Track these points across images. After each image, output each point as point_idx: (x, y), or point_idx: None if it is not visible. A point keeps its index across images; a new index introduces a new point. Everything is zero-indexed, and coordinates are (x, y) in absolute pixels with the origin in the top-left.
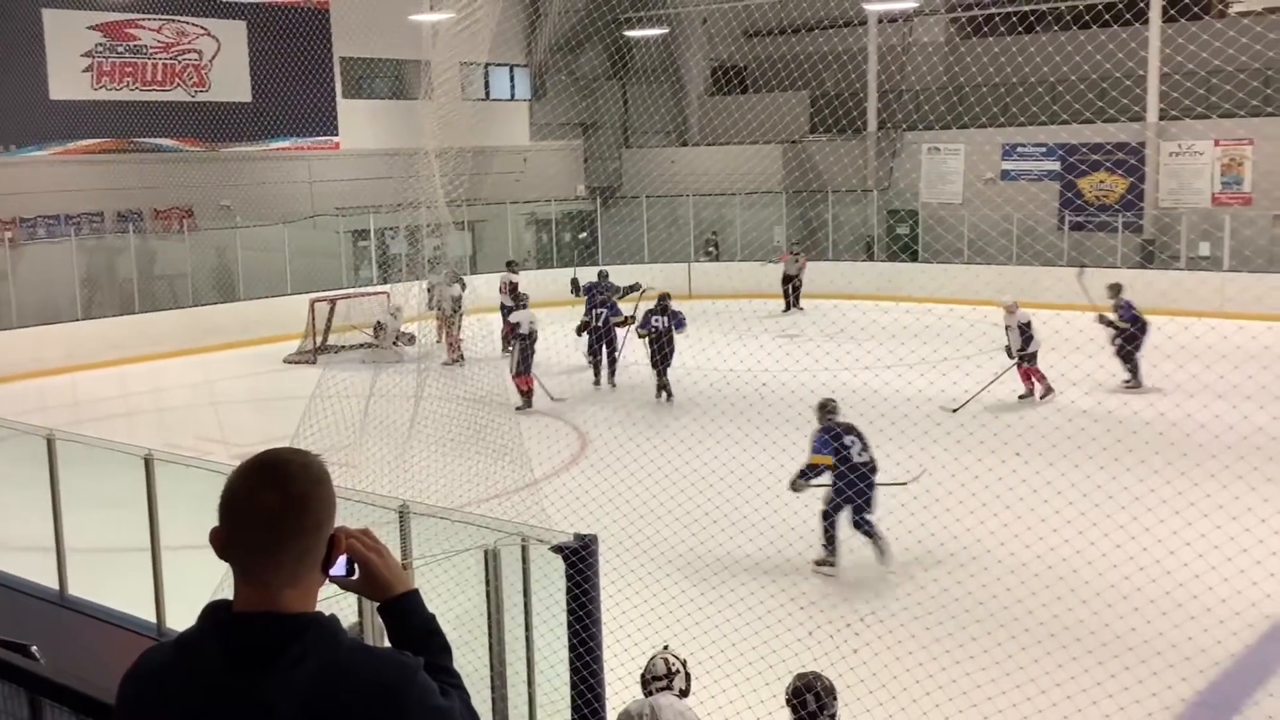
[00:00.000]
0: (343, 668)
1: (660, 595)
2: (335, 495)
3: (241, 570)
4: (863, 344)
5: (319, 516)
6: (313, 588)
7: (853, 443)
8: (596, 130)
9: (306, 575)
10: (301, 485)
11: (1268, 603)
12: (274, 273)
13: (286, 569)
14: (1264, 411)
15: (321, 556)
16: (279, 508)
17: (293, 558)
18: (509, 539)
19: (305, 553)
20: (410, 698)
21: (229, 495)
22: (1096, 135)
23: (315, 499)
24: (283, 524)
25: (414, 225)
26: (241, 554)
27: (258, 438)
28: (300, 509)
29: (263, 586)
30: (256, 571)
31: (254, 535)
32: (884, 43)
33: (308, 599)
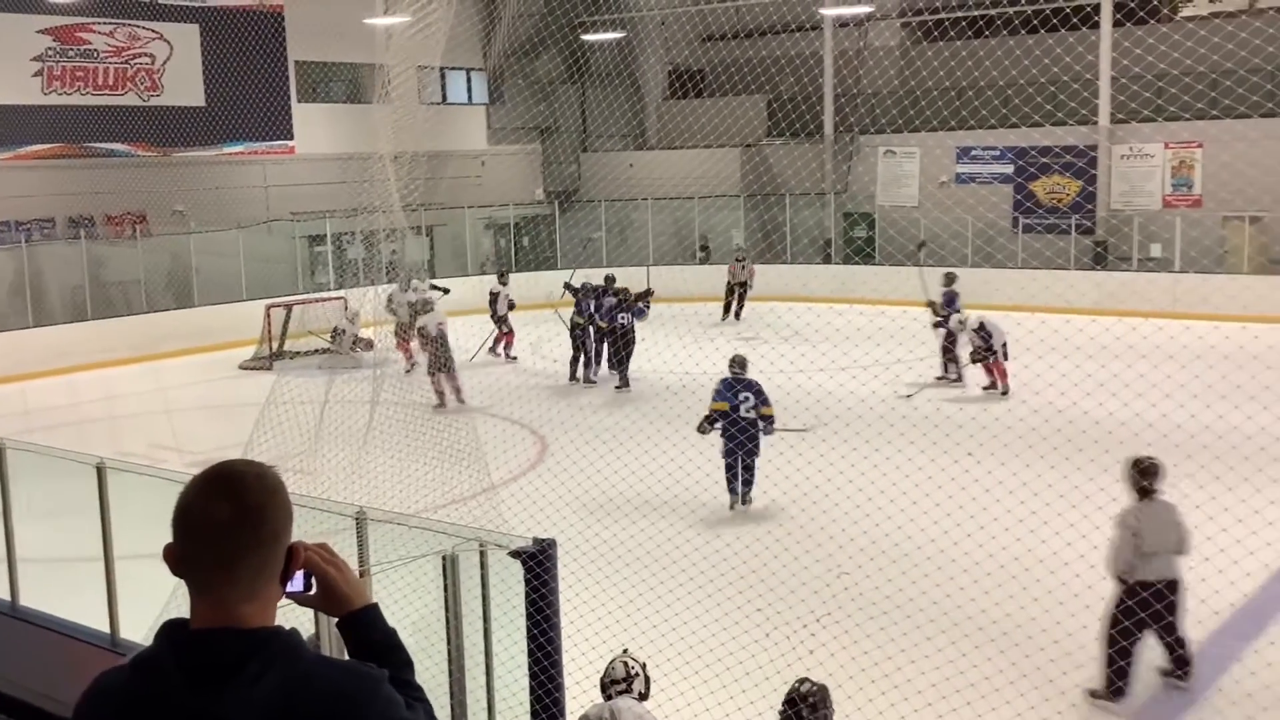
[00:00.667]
0: (304, 681)
1: (618, 599)
2: (292, 505)
3: (197, 586)
4: (817, 345)
5: (275, 527)
6: (271, 601)
7: (745, 398)
8: (554, 134)
9: (264, 588)
10: (256, 496)
11: (1216, 599)
12: (229, 278)
13: (244, 583)
14: (1210, 411)
15: (279, 569)
16: (233, 520)
17: (250, 571)
18: (467, 544)
19: (262, 565)
20: (374, 710)
21: (181, 509)
22: (1049, 139)
23: (271, 509)
24: (238, 536)
25: (370, 230)
26: (196, 569)
27: (212, 445)
28: (256, 520)
29: (220, 602)
30: (213, 587)
31: (208, 549)
32: (839, 47)
33: (266, 613)
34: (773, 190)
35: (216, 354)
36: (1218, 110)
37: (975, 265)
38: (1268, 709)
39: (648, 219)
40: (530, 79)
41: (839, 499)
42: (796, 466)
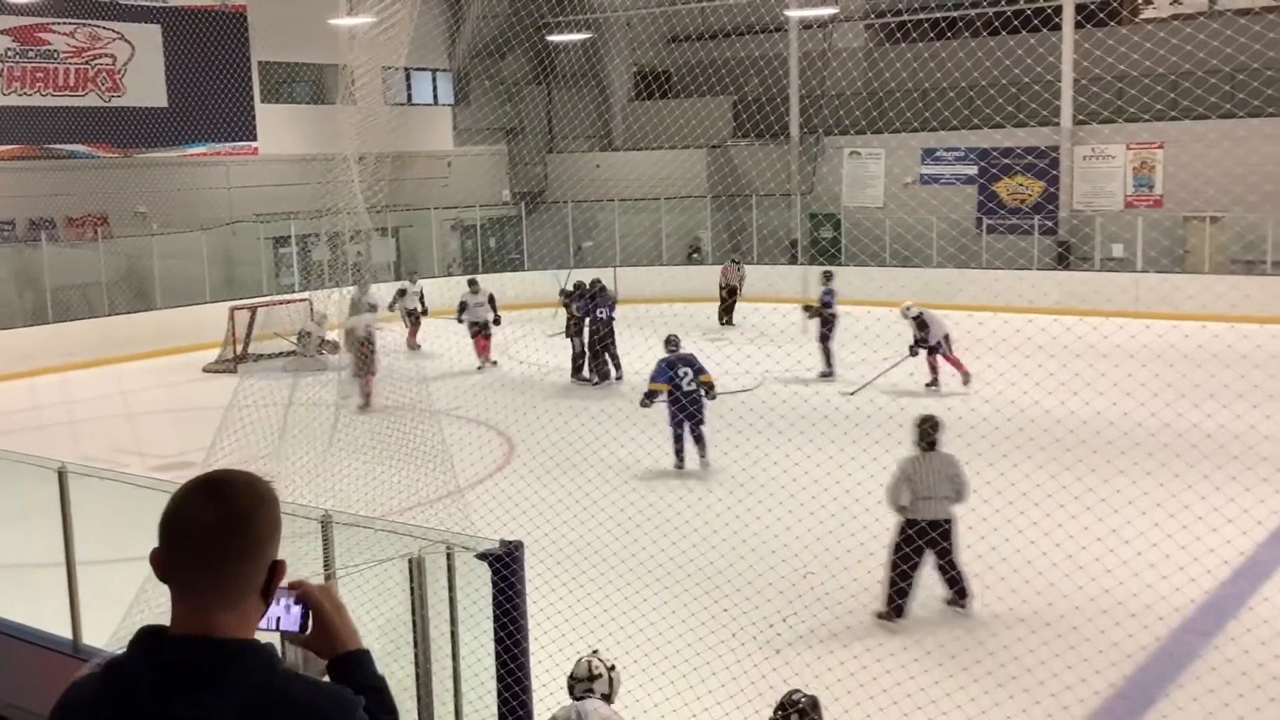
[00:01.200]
0: (276, 697)
1: (585, 600)
2: (280, 521)
3: (178, 591)
4: (782, 346)
5: (259, 537)
6: (251, 614)
7: (685, 373)
8: (521, 135)
9: (244, 599)
10: (243, 503)
11: (1178, 596)
12: (192, 280)
13: (223, 591)
14: (1170, 409)
15: (261, 582)
16: (216, 524)
17: (229, 579)
18: (434, 547)
19: (242, 574)
20: None
21: (169, 512)
22: (1011, 140)
23: (257, 519)
24: (219, 541)
25: (335, 231)
26: (178, 573)
27: (176, 449)
28: (238, 527)
29: (198, 609)
30: (191, 592)
31: (190, 553)
32: (804, 48)
33: (245, 625)
34: (738, 191)
35: (180, 357)
36: (1177, 111)
37: (940, 266)
38: (1229, 704)
39: (615, 220)
40: (496, 80)
41: (804, 499)
42: (763, 467)
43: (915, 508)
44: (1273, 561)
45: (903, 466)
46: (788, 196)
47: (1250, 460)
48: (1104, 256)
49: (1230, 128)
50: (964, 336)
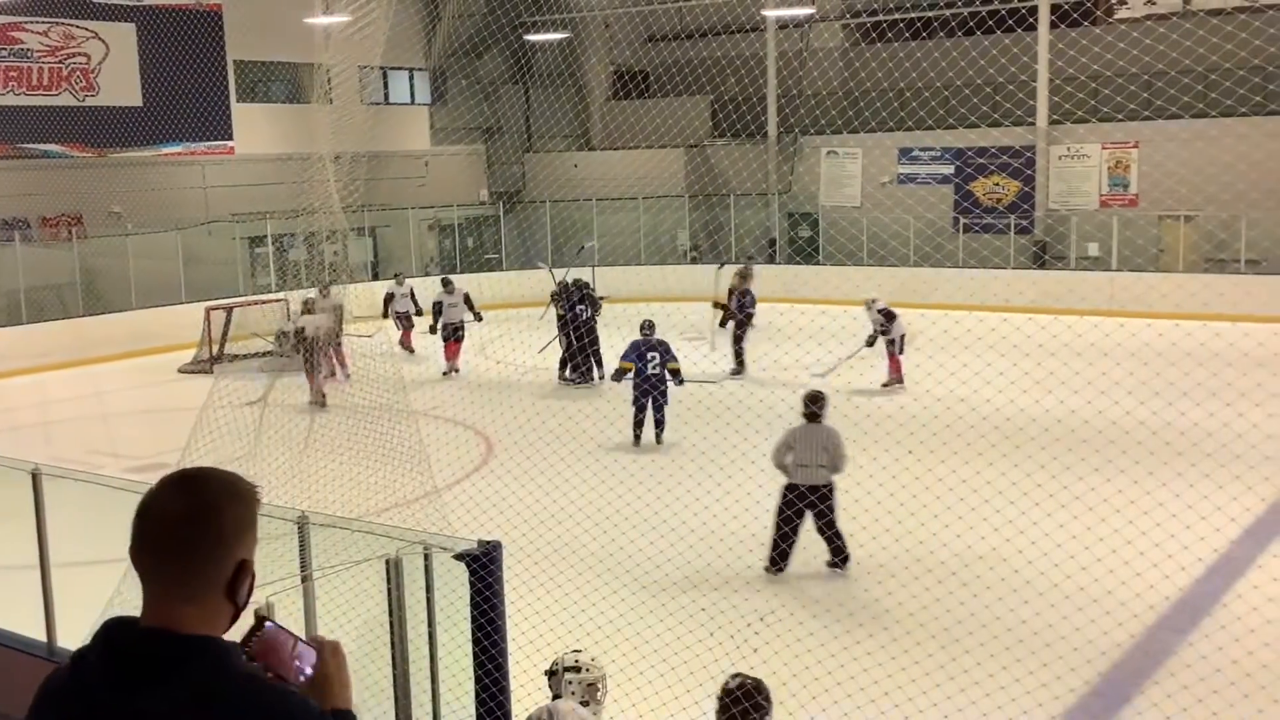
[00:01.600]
0: (227, 693)
1: (563, 600)
2: (254, 521)
3: (144, 581)
4: (759, 345)
5: (225, 532)
6: (215, 611)
7: (652, 358)
8: (499, 135)
9: (206, 594)
10: (213, 497)
11: (1152, 593)
12: (167, 281)
13: (184, 584)
14: (1144, 407)
15: (226, 579)
16: (183, 515)
17: (191, 572)
18: (411, 547)
19: (205, 568)
20: None
21: (141, 502)
22: (987, 140)
23: (225, 513)
24: (184, 531)
25: (311, 231)
26: (145, 563)
27: (151, 451)
28: (205, 519)
29: (162, 601)
30: (155, 583)
31: (155, 542)
32: (782, 48)
33: (208, 622)
34: (716, 191)
35: (155, 358)
36: (1151, 111)
37: (916, 265)
38: (1203, 700)
39: (593, 220)
40: (473, 79)
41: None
42: (740, 466)
43: (794, 473)
44: (1246, 558)
45: (784, 436)
46: (765, 196)
47: (1224, 458)
48: (1079, 256)
49: (1204, 127)
50: (940, 335)
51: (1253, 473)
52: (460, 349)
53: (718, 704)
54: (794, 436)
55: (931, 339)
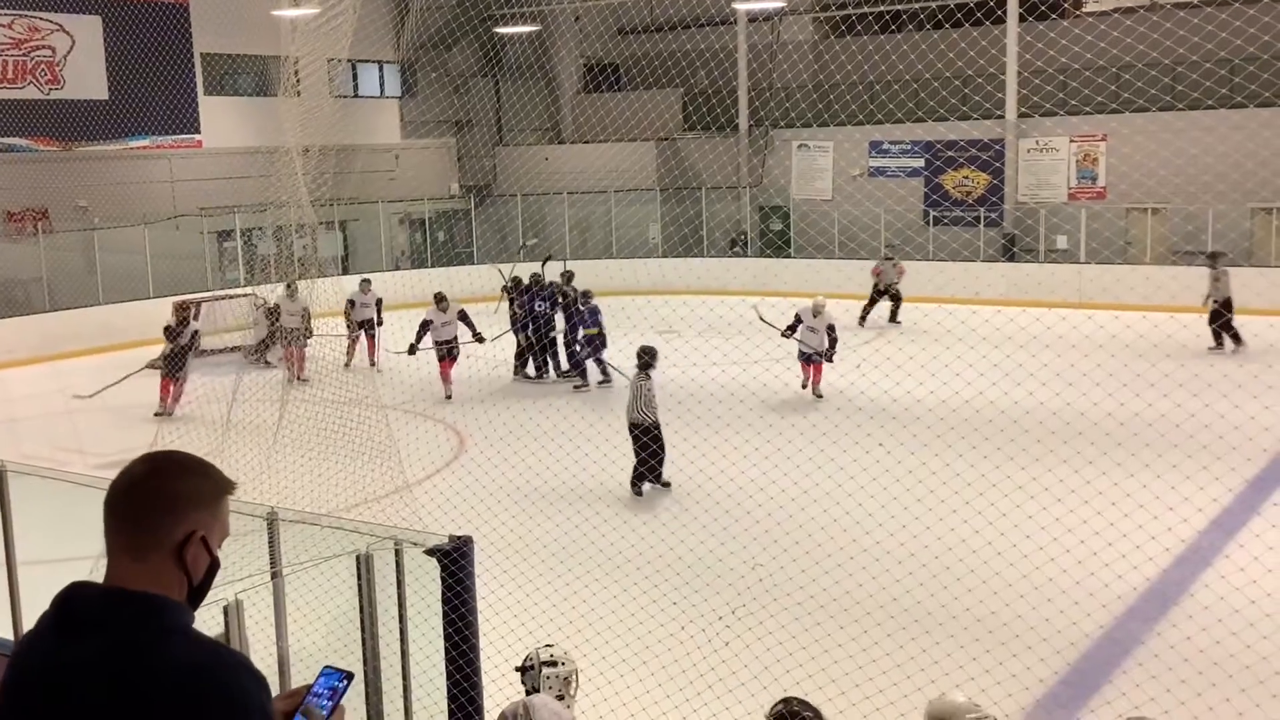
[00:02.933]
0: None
1: (535, 595)
2: (214, 501)
3: (106, 545)
4: (730, 339)
5: (178, 496)
6: (163, 573)
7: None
8: (469, 128)
9: (152, 553)
10: (173, 467)
11: (1120, 583)
12: (135, 275)
13: (134, 539)
14: (1112, 398)
15: (175, 543)
16: (142, 474)
17: (141, 527)
18: (382, 543)
19: (154, 528)
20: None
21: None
22: (957, 133)
23: (182, 480)
24: (140, 488)
25: (280, 225)
26: (106, 523)
27: (118, 447)
28: (159, 482)
29: (114, 559)
30: (111, 542)
31: (114, 499)
32: (753, 42)
33: (156, 583)
34: (687, 184)
35: (122, 353)
36: (1119, 104)
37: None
38: (1170, 689)
39: (564, 213)
40: (443, 72)
41: (753, 490)
42: (711, 460)
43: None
44: (1213, 548)
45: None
46: (737, 189)
47: (1191, 449)
48: (1048, 248)
49: (1171, 120)
50: (910, 328)
51: (1219, 463)
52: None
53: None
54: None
55: (902, 331)
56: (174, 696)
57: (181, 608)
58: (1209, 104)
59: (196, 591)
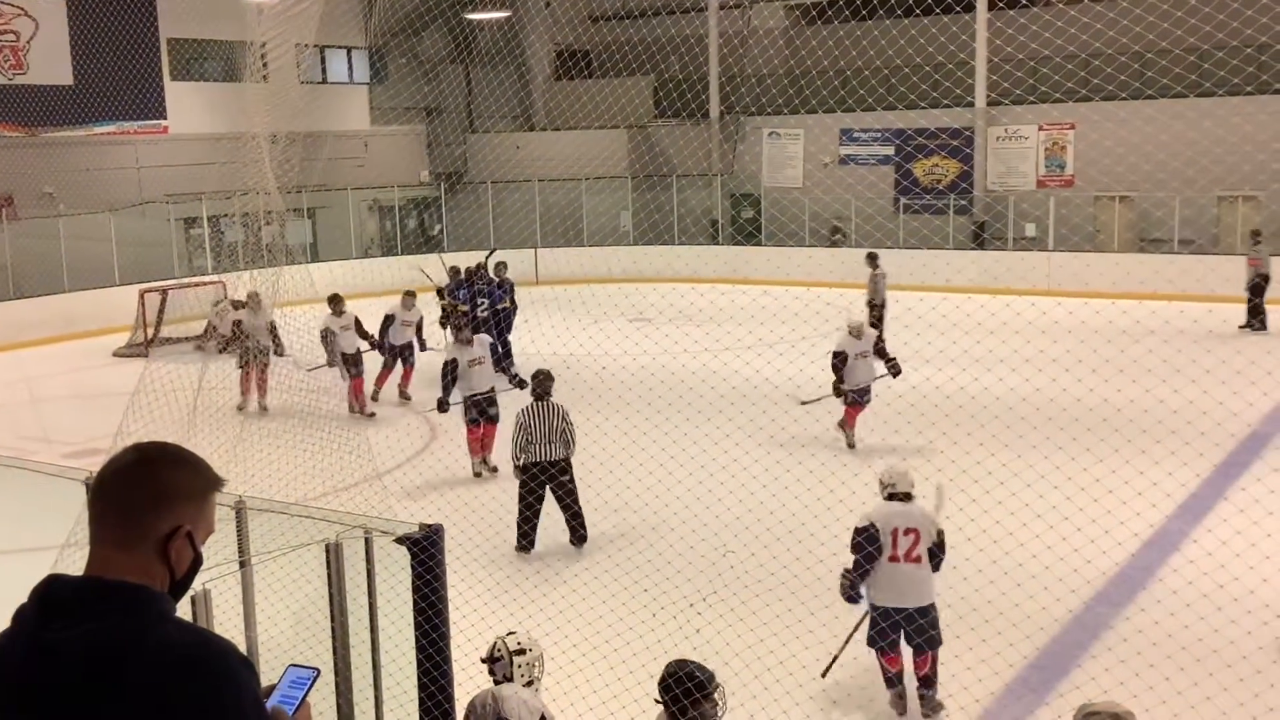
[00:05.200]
0: (137, 634)
1: (505, 583)
2: (202, 496)
3: (90, 535)
4: (701, 325)
5: (166, 488)
6: (147, 565)
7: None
8: (440, 115)
9: (138, 545)
10: (164, 458)
11: (1089, 568)
12: (101, 263)
13: (120, 530)
14: (1081, 384)
15: (161, 535)
16: (132, 463)
17: (128, 517)
18: (351, 532)
19: (140, 519)
20: (219, 685)
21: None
22: (928, 120)
23: (171, 472)
24: (128, 479)
25: (247, 212)
26: (92, 509)
27: (84, 436)
28: (147, 472)
29: (98, 547)
30: (96, 531)
31: (101, 487)
32: (724, 29)
33: (139, 572)
34: (659, 171)
35: (88, 341)
36: (1089, 90)
37: (859, 245)
38: (1140, 673)
39: (535, 200)
40: (413, 58)
41: (724, 477)
42: (682, 447)
43: (529, 451)
44: (1180, 533)
45: (517, 418)
46: (708, 177)
47: (1159, 434)
48: (1017, 236)
49: (1139, 108)
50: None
51: (1187, 448)
52: (364, 384)
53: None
54: (525, 418)
55: None
56: (165, 682)
57: (165, 597)
58: (1177, 92)
59: (178, 586)
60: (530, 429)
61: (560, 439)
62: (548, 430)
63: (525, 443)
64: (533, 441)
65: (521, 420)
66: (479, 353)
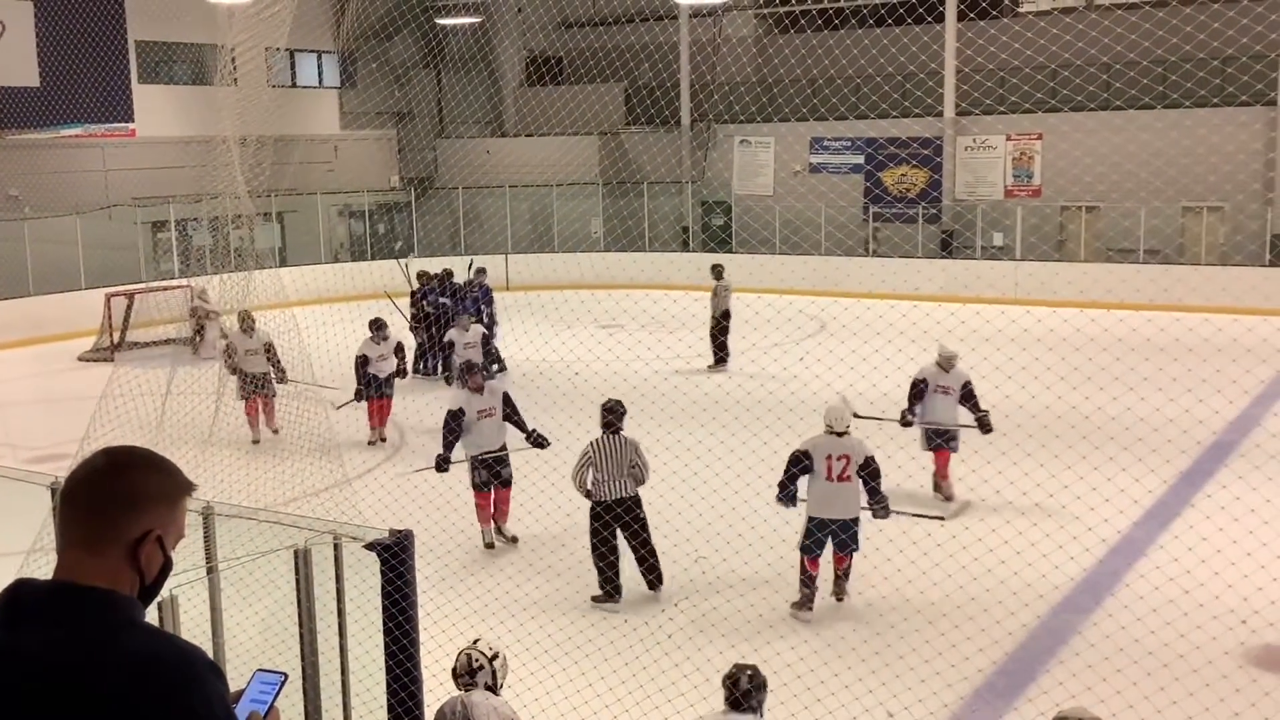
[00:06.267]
0: (115, 638)
1: (476, 589)
2: (173, 500)
3: (58, 539)
4: (674, 332)
5: (137, 492)
6: (117, 569)
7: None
8: (410, 119)
9: (108, 548)
10: (136, 462)
11: (1057, 573)
12: (67, 266)
13: (91, 531)
14: (1049, 392)
15: (131, 539)
16: (103, 467)
17: (98, 522)
18: (320, 537)
19: (110, 523)
20: (187, 691)
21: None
22: (898, 130)
23: (139, 475)
24: (98, 482)
25: (215, 216)
26: (62, 513)
27: (49, 441)
28: (118, 476)
29: (67, 551)
30: (66, 534)
31: (72, 490)
32: (695, 37)
33: (108, 578)
34: (630, 178)
35: (53, 345)
36: (1057, 100)
37: (829, 253)
38: (1106, 679)
39: (506, 206)
40: (384, 63)
41: (696, 484)
42: (654, 453)
43: (600, 489)
44: (1147, 539)
45: (585, 450)
46: (679, 184)
47: (1126, 441)
48: (986, 244)
49: (1107, 119)
50: (852, 322)
51: (1154, 455)
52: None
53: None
54: (594, 451)
55: (844, 325)
56: (132, 688)
57: (134, 602)
58: (1143, 103)
59: (147, 591)
60: (599, 464)
61: (630, 474)
62: (617, 466)
63: (594, 480)
64: (601, 479)
65: (589, 454)
66: (490, 402)
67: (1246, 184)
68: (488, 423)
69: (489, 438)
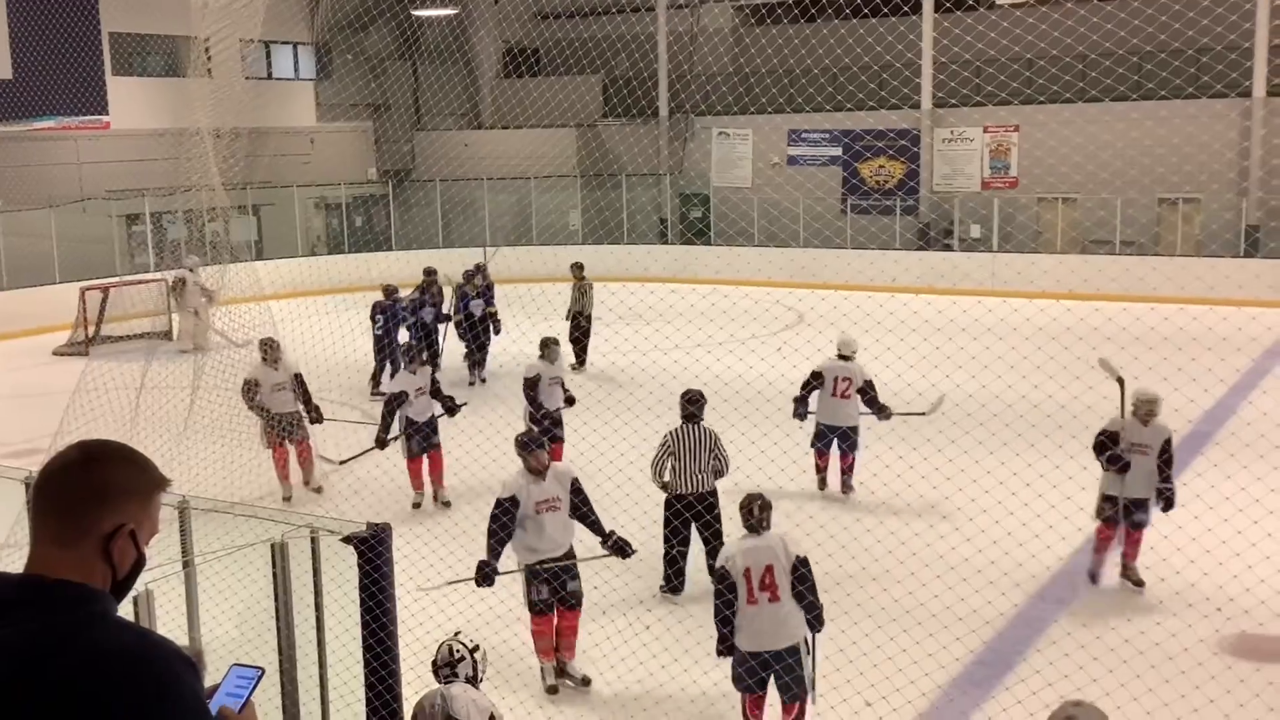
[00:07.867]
0: (75, 632)
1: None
2: (145, 494)
3: (31, 533)
4: (651, 323)
5: (109, 485)
6: (89, 563)
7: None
8: (387, 111)
9: (80, 542)
10: (109, 455)
11: (1034, 563)
12: (40, 260)
13: (63, 525)
14: (1026, 381)
15: (103, 533)
16: (75, 460)
17: (68, 515)
18: (297, 531)
19: (82, 516)
20: (161, 687)
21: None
22: (876, 122)
23: (112, 469)
24: (68, 476)
25: (190, 209)
26: (35, 506)
27: (23, 436)
28: (91, 469)
29: (39, 545)
30: (38, 529)
31: (44, 484)
32: (673, 28)
33: (80, 572)
34: (608, 170)
35: (27, 340)
36: (1033, 90)
37: (807, 245)
38: (1083, 667)
39: (484, 199)
40: (360, 54)
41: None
42: (633, 444)
43: (678, 481)
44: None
45: (664, 441)
46: (657, 176)
47: None
48: (963, 236)
49: (1084, 110)
50: (830, 312)
51: None
52: (312, 454)
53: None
54: (674, 442)
55: (821, 315)
56: (104, 682)
57: (106, 596)
58: (1120, 94)
59: (120, 586)
60: (678, 454)
61: (710, 468)
62: (696, 458)
63: (672, 470)
64: (679, 470)
65: (668, 444)
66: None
67: (1222, 174)
68: (550, 518)
69: (552, 539)
